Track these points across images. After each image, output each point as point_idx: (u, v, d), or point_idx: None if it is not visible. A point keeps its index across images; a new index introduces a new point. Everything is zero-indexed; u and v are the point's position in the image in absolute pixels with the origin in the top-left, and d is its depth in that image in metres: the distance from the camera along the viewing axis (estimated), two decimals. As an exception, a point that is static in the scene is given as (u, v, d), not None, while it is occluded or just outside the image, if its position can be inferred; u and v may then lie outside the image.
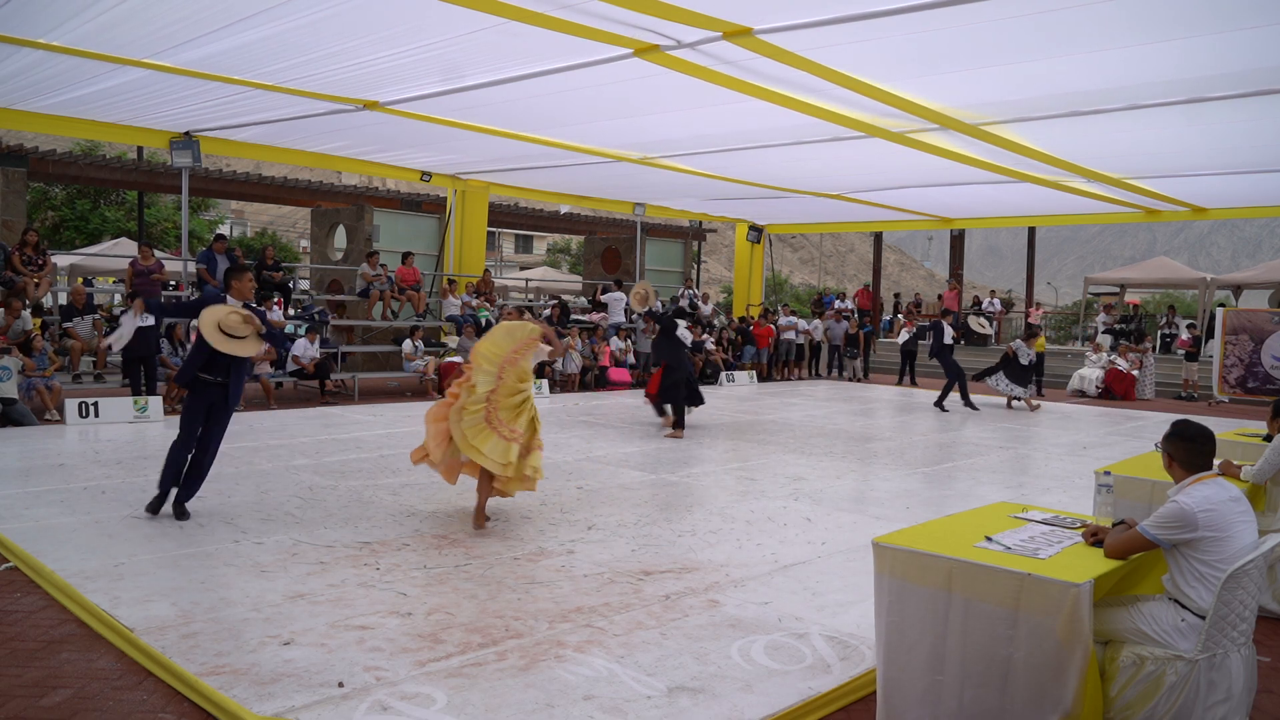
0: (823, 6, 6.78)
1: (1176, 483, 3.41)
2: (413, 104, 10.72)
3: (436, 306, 16.67)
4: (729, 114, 10.31)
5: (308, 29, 7.95)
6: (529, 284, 27.70)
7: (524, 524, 6.37)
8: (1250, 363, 16.96)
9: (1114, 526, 3.57)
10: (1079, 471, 9.06)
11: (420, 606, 4.62)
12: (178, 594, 4.69)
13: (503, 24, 7.34)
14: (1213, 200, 15.48)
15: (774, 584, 5.18)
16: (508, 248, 56.28)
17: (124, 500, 6.68)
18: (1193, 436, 3.44)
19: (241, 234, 44.40)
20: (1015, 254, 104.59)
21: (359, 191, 21.63)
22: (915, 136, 10.95)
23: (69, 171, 18.60)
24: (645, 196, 18.66)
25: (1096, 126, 10.08)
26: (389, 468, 8.28)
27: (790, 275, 63.06)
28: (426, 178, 16.47)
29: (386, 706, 3.50)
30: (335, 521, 6.29)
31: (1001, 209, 18.21)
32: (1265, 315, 17.53)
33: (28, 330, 10.91)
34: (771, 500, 7.41)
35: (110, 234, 25.74)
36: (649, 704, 3.60)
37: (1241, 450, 6.11)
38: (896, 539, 3.53)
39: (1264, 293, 24.60)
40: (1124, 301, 27.17)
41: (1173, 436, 3.46)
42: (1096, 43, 7.42)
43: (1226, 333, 17.18)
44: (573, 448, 9.69)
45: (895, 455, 9.93)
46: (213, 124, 12.46)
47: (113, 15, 7.75)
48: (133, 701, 3.58)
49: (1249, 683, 3.26)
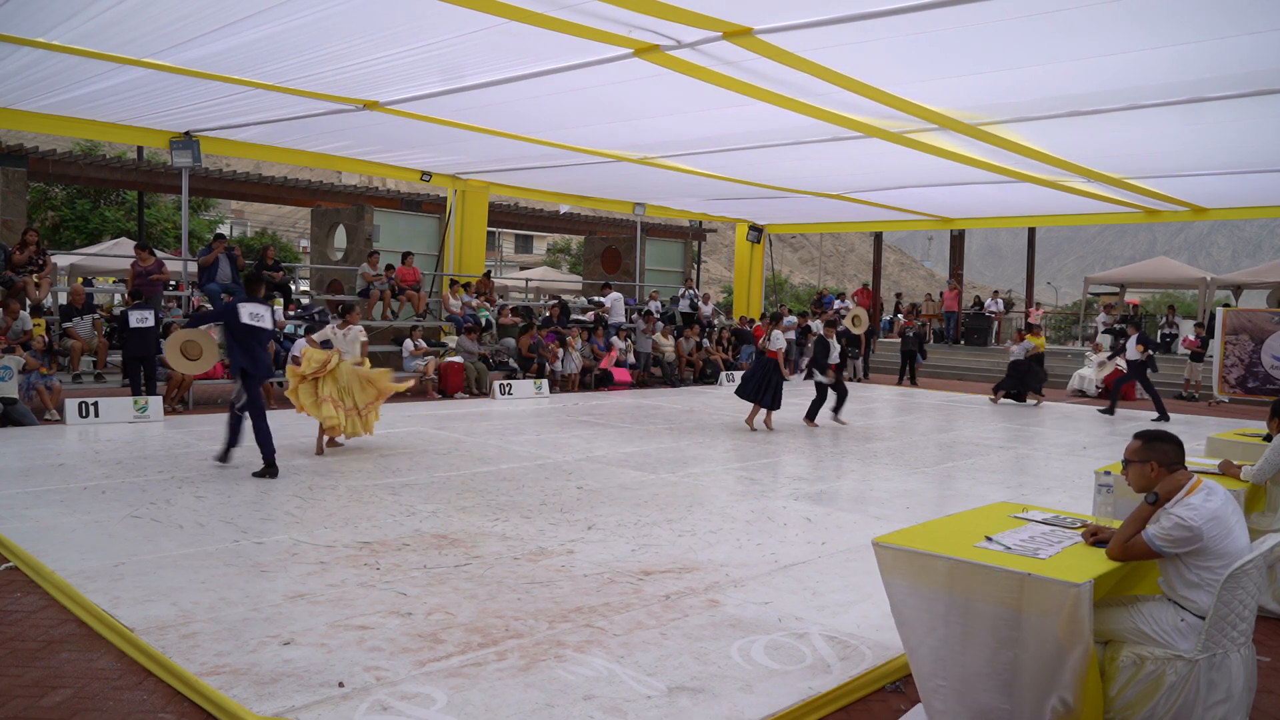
0: (823, 6, 6.78)
1: (1154, 487, 3.38)
2: (413, 104, 10.72)
3: (436, 306, 16.67)
4: (729, 114, 10.31)
5: (308, 29, 7.95)
6: (529, 284, 27.70)
7: (524, 524, 6.38)
8: (1250, 363, 16.96)
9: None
10: (1079, 471, 9.06)
11: (420, 606, 4.62)
12: (178, 594, 4.69)
13: (503, 24, 7.34)
14: (1213, 200, 15.48)
15: (774, 584, 5.18)
16: (508, 248, 56.30)
17: (124, 500, 6.68)
18: (1169, 436, 3.45)
19: (241, 234, 44.41)
20: (1015, 254, 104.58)
21: (359, 191, 21.63)
22: (915, 137, 10.95)
23: (69, 171, 18.59)
24: (645, 196, 18.66)
25: (1096, 126, 10.08)
26: (389, 468, 8.29)
27: (790, 275, 63.04)
28: (426, 178, 16.47)
29: (386, 706, 3.50)
30: (335, 521, 6.29)
31: (1001, 209, 18.22)
32: (1265, 315, 17.52)
33: (28, 330, 10.91)
34: (771, 500, 7.41)
35: (110, 234, 25.74)
36: (649, 704, 3.60)
37: (1241, 450, 6.11)
38: (897, 539, 3.53)
39: (1264, 293, 24.60)
40: (1124, 301, 27.17)
41: (1151, 442, 3.42)
42: (1096, 43, 7.42)
43: (1226, 333, 17.17)
44: (573, 448, 9.69)
45: (895, 455, 9.93)
46: (213, 124, 12.46)
47: (113, 15, 7.75)
48: (133, 701, 3.58)
49: (1249, 683, 3.26)
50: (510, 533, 6.12)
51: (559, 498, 7.25)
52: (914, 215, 19.34)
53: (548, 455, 9.20)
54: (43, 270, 12.24)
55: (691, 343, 18.43)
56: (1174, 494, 3.34)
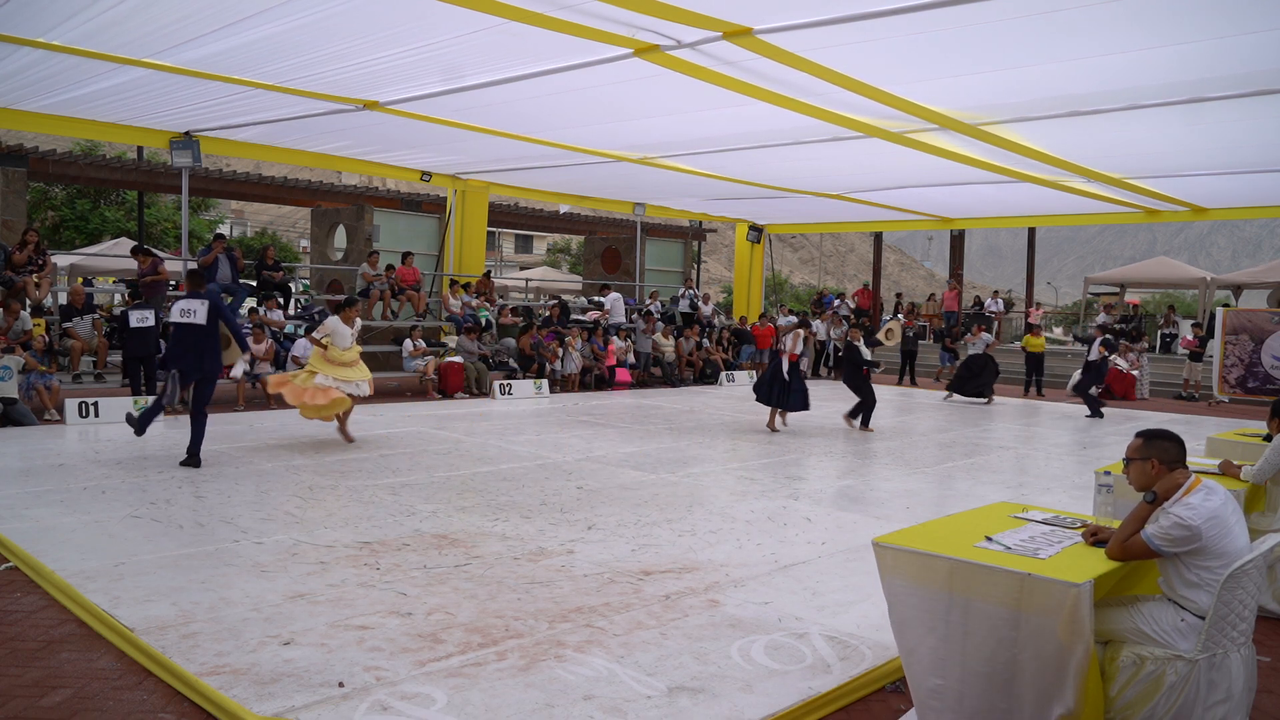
0: (823, 6, 6.77)
1: (1154, 485, 3.39)
2: (413, 104, 10.72)
3: (436, 306, 16.67)
4: (729, 114, 10.30)
5: (308, 29, 7.95)
6: (529, 284, 27.70)
7: (524, 524, 6.37)
8: (1250, 363, 16.96)
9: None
10: (1079, 471, 9.06)
11: (420, 606, 4.62)
12: (178, 594, 4.69)
13: (503, 24, 7.34)
14: (1213, 200, 15.48)
15: (774, 584, 5.18)
16: (508, 248, 56.31)
17: (124, 500, 6.68)
18: (1170, 435, 3.46)
19: (241, 234, 44.42)
20: (1015, 254, 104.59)
21: (359, 191, 21.63)
22: (915, 136, 10.94)
23: (69, 171, 18.59)
24: (645, 196, 18.66)
25: (1096, 126, 10.07)
26: (389, 468, 8.29)
27: (790, 275, 63.05)
28: (426, 178, 16.47)
29: (386, 706, 3.50)
30: (335, 521, 6.29)
31: (1001, 209, 18.21)
32: (1265, 315, 17.53)
33: (28, 330, 10.91)
34: (771, 500, 7.41)
35: (110, 234, 25.75)
36: (649, 704, 3.60)
37: (1242, 450, 6.11)
38: (897, 539, 3.53)
39: (1264, 293, 24.60)
40: (1124, 301, 27.17)
41: (1153, 439, 3.43)
42: (1096, 43, 7.42)
43: (1226, 333, 17.18)
44: (573, 448, 9.69)
45: (895, 455, 9.93)
46: (213, 124, 12.46)
47: (113, 15, 7.75)
48: (133, 701, 3.58)
49: (1249, 683, 3.26)
50: (510, 533, 6.12)
51: (559, 498, 7.25)
52: (914, 215, 19.33)
53: (548, 455, 9.20)
54: (43, 270, 12.24)
55: (691, 343, 18.43)
56: (1172, 493, 3.34)
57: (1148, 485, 3.42)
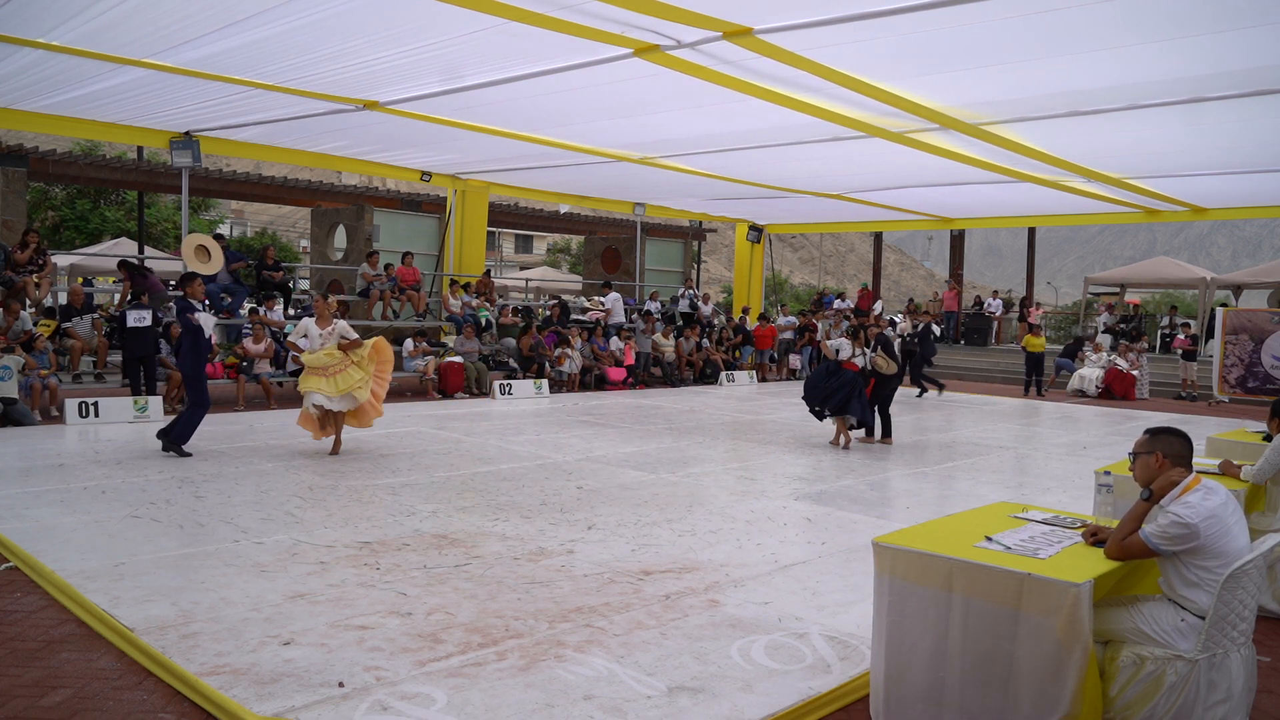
0: (823, 6, 6.78)
1: (1157, 483, 3.39)
2: (413, 104, 10.72)
3: (436, 306, 16.67)
4: (729, 114, 10.31)
5: (308, 29, 7.95)
6: (529, 284, 27.70)
7: (524, 524, 6.38)
8: (1250, 363, 16.95)
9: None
10: (1079, 471, 9.06)
11: (420, 606, 4.62)
12: (178, 594, 4.69)
13: (503, 24, 7.34)
14: (1213, 200, 15.48)
15: (774, 584, 5.18)
16: (508, 248, 56.31)
17: (124, 500, 6.68)
18: (1177, 431, 3.48)
19: (241, 234, 44.40)
20: (1015, 254, 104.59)
21: (359, 191, 21.63)
22: (915, 136, 10.95)
23: (69, 171, 18.58)
24: (645, 196, 18.66)
25: (1096, 126, 10.08)
26: (389, 468, 8.29)
27: (790, 275, 63.06)
28: (426, 178, 16.47)
29: (386, 706, 3.50)
30: (335, 521, 6.29)
31: (1001, 209, 18.22)
32: (1265, 315, 17.52)
33: (28, 330, 10.91)
34: (771, 500, 7.41)
35: (110, 234, 25.75)
36: (649, 704, 3.60)
37: (1241, 450, 6.11)
38: (897, 539, 3.53)
39: (1264, 293, 24.60)
40: (1124, 301, 27.16)
41: (1159, 435, 3.45)
42: (1096, 43, 7.42)
43: (1226, 333, 17.17)
44: (573, 448, 9.69)
45: (896, 455, 9.93)
46: (213, 124, 12.46)
47: (113, 15, 7.75)
48: (133, 701, 3.58)
49: (1249, 683, 3.26)
50: (510, 533, 6.12)
51: (559, 498, 7.25)
52: (914, 215, 19.33)
53: (548, 455, 9.20)
54: (43, 270, 12.24)
55: (691, 343, 18.43)
56: (1167, 491, 3.34)
57: (1151, 480, 3.42)
